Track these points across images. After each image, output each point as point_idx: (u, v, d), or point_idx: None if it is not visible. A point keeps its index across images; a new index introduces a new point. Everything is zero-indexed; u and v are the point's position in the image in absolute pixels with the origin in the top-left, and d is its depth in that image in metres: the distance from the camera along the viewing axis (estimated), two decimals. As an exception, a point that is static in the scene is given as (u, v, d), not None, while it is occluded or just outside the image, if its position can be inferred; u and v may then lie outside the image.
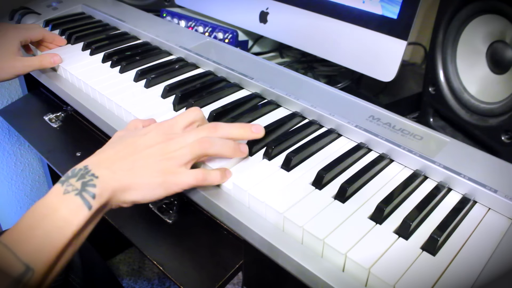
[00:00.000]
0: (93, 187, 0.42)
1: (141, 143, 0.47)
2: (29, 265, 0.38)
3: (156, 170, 0.45)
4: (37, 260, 0.38)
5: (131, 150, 0.46)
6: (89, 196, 0.41)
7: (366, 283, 0.39)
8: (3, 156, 1.22)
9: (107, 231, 0.91)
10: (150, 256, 0.60)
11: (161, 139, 0.47)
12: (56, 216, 0.40)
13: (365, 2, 0.67)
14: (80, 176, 0.42)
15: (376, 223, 0.43)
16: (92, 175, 0.43)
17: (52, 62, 0.73)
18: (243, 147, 0.51)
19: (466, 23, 0.60)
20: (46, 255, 0.39)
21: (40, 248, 0.39)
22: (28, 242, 0.39)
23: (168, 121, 0.50)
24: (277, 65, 0.70)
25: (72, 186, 0.41)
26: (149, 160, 0.45)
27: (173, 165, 0.46)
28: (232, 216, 0.47)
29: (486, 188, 0.45)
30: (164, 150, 0.46)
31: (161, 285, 1.33)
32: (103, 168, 0.44)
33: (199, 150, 0.47)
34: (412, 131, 0.54)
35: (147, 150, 0.46)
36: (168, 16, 0.95)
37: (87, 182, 0.42)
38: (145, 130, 0.49)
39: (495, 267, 0.39)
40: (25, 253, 0.38)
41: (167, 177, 0.45)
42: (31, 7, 0.98)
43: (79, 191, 0.41)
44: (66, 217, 0.40)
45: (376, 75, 0.65)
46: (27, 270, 0.38)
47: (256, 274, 0.57)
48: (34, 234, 0.39)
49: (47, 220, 0.40)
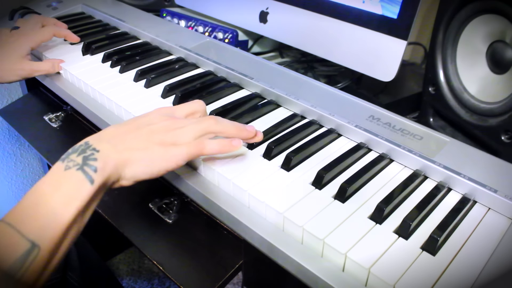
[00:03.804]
0: (95, 160, 0.41)
1: (144, 121, 0.47)
2: (35, 242, 0.37)
3: (157, 143, 0.45)
4: (42, 237, 0.38)
5: (134, 126, 0.46)
6: (91, 170, 0.41)
7: (366, 283, 0.39)
8: (3, 156, 1.22)
9: (107, 231, 0.91)
10: (150, 256, 0.60)
11: (164, 119, 0.48)
12: (59, 193, 0.39)
13: (365, 2, 0.67)
14: (81, 151, 0.42)
15: (376, 223, 0.43)
16: (94, 149, 0.42)
17: (60, 68, 0.75)
18: (250, 127, 0.51)
19: (466, 23, 0.60)
20: (51, 232, 0.38)
21: (45, 225, 0.38)
22: (33, 220, 0.38)
23: (171, 107, 0.51)
24: (277, 65, 0.70)
25: (73, 161, 0.41)
26: (152, 135, 0.46)
27: (176, 139, 0.46)
28: (232, 216, 0.47)
29: (486, 188, 0.45)
30: (167, 127, 0.47)
31: (161, 285, 1.33)
32: (104, 143, 0.43)
33: (206, 126, 0.48)
34: (412, 131, 0.54)
35: (150, 126, 0.46)
36: (168, 16, 0.95)
37: (88, 156, 0.41)
38: (147, 113, 0.49)
39: (495, 267, 0.39)
40: (30, 231, 0.37)
41: (169, 148, 0.45)
42: (31, 7, 0.98)
43: (81, 165, 0.41)
44: (70, 193, 0.39)
45: (376, 75, 0.65)
46: (33, 247, 0.37)
47: (256, 274, 0.57)
48: (38, 212, 0.38)
49: (50, 197, 0.39)
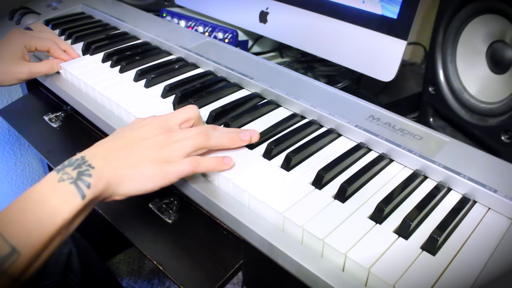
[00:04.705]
0: (89, 177, 0.42)
1: (138, 135, 0.47)
2: (16, 248, 0.38)
3: (151, 160, 0.46)
4: (24, 243, 0.38)
5: (128, 141, 0.47)
6: (84, 186, 0.41)
7: (366, 283, 0.39)
8: (3, 156, 1.22)
9: (107, 231, 0.91)
10: (150, 256, 0.60)
11: (158, 132, 0.48)
12: (49, 203, 0.40)
13: (365, 2, 0.67)
14: (77, 166, 0.42)
15: (376, 223, 0.43)
16: (89, 165, 0.43)
17: (60, 67, 0.74)
18: (244, 134, 0.52)
19: (466, 23, 0.60)
20: (34, 240, 0.38)
21: (29, 232, 0.38)
22: (17, 225, 0.38)
23: (164, 116, 0.51)
24: (277, 65, 0.70)
25: (68, 174, 0.41)
26: (146, 151, 0.46)
27: (169, 155, 0.46)
28: (232, 216, 0.47)
29: (486, 188, 0.45)
30: (161, 143, 0.47)
31: (161, 285, 1.33)
32: (99, 159, 0.44)
33: (199, 142, 0.48)
34: (412, 131, 0.54)
35: (144, 142, 0.47)
36: (168, 16, 0.95)
37: (83, 171, 0.42)
38: (142, 123, 0.50)
39: (495, 267, 0.39)
40: (12, 236, 0.38)
41: (162, 166, 0.46)
42: (31, 7, 0.98)
43: (74, 179, 0.41)
44: (59, 205, 0.40)
45: (376, 75, 0.65)
46: (13, 252, 0.37)
47: (256, 274, 0.57)
48: (24, 218, 0.39)
49: (39, 206, 0.39)
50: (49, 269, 0.71)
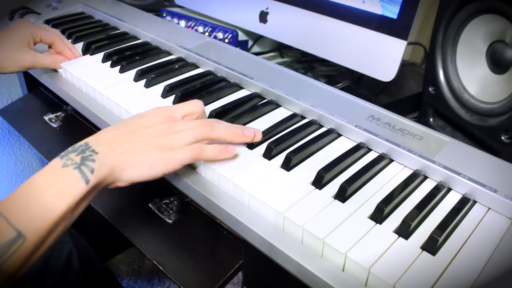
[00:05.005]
0: (92, 162, 0.42)
1: (142, 123, 0.48)
2: (21, 232, 0.38)
3: (155, 147, 0.46)
4: (30, 228, 0.38)
5: (132, 129, 0.47)
6: (88, 171, 0.41)
7: (366, 283, 0.39)
8: (3, 156, 1.22)
9: (107, 231, 0.91)
10: (150, 256, 0.60)
11: (162, 121, 0.48)
12: (53, 188, 0.40)
13: (365, 2, 0.67)
14: (80, 151, 0.43)
15: (376, 222, 0.43)
16: (92, 151, 0.43)
17: (60, 66, 0.75)
18: (248, 131, 0.52)
19: (466, 23, 0.60)
20: (39, 224, 0.39)
21: (34, 217, 0.39)
22: (23, 210, 0.39)
23: (169, 106, 0.51)
24: (277, 65, 0.70)
25: (72, 160, 0.42)
26: (149, 139, 0.46)
27: (172, 143, 0.47)
28: (232, 216, 0.47)
29: (486, 188, 0.45)
30: (164, 131, 0.47)
31: (161, 285, 1.33)
32: (103, 145, 0.44)
33: (202, 132, 0.48)
34: (412, 131, 0.54)
35: (148, 129, 0.47)
36: (168, 16, 0.95)
37: (86, 157, 0.42)
38: (146, 112, 0.50)
39: (495, 267, 0.39)
40: (18, 220, 0.38)
41: (166, 153, 0.46)
42: (31, 7, 0.98)
43: (78, 165, 0.41)
44: (63, 190, 0.40)
45: (376, 75, 0.65)
46: (19, 236, 0.38)
47: (256, 274, 0.57)
48: (29, 203, 0.39)
49: (44, 191, 0.40)
50: (49, 269, 0.71)
